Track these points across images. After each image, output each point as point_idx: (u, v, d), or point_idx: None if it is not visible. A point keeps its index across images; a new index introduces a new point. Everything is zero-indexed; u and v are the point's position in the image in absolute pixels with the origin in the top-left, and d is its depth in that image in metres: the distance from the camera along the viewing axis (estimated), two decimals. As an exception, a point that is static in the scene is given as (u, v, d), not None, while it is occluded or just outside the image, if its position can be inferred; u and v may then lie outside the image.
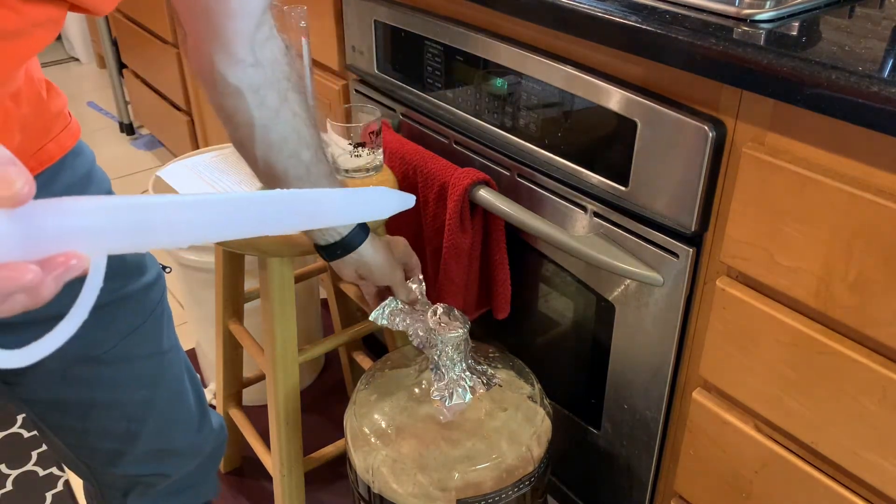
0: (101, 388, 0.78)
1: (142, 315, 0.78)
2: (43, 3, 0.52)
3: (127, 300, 0.76)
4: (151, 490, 0.89)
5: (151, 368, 0.81)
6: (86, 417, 0.79)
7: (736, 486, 0.91)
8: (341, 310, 1.44)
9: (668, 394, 0.98)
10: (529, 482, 0.96)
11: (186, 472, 0.91)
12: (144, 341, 0.79)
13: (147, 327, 0.79)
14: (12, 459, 1.48)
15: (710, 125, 0.79)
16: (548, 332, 1.18)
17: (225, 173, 1.12)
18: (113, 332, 0.76)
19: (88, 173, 0.72)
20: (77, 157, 0.71)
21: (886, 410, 0.72)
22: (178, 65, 2.11)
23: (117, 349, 0.76)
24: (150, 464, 0.87)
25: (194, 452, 0.92)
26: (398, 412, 0.98)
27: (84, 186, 0.71)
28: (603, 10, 0.84)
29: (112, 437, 0.82)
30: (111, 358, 0.76)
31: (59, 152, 0.68)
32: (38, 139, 0.65)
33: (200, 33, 0.71)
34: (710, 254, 0.87)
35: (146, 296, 0.78)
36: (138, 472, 0.87)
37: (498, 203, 1.05)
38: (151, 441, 0.84)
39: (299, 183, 0.80)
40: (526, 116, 1.01)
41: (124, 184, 2.47)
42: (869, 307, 0.71)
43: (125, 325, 0.76)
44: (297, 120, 0.78)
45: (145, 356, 0.80)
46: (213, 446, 0.95)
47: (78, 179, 0.70)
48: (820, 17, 0.81)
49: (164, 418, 0.85)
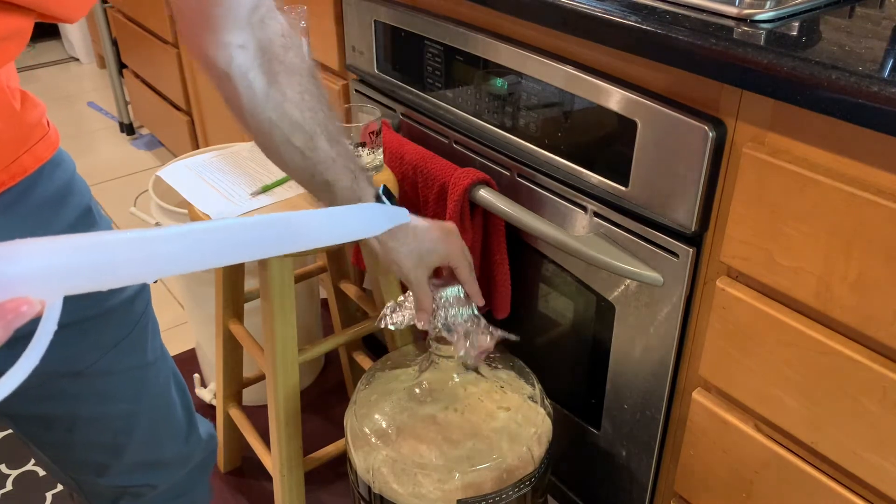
0: (85, 402, 0.77)
1: (126, 327, 0.77)
2: (8, 15, 0.50)
3: (111, 314, 0.74)
4: (139, 500, 0.89)
5: (136, 381, 0.80)
6: (70, 431, 0.78)
7: (736, 486, 0.91)
8: (341, 310, 1.44)
9: (668, 394, 0.98)
10: (530, 482, 0.96)
11: (174, 481, 0.90)
12: (128, 354, 0.78)
13: (131, 339, 0.77)
14: (12, 459, 1.48)
15: (710, 125, 0.79)
16: (548, 333, 1.18)
17: (225, 173, 1.12)
18: (97, 347, 0.74)
19: (67, 184, 0.70)
20: (56, 168, 0.69)
21: (886, 410, 0.72)
22: (178, 65, 2.11)
23: (101, 363, 0.75)
24: (137, 474, 0.86)
25: (182, 462, 0.91)
26: (398, 412, 0.98)
27: (62, 198, 0.69)
28: (603, 10, 0.84)
29: (98, 449, 0.81)
30: (95, 372, 0.75)
31: (34, 164, 0.65)
32: (11, 151, 0.63)
33: (190, 17, 0.70)
34: (710, 254, 0.87)
35: (130, 308, 0.77)
36: (125, 483, 0.86)
37: (498, 203, 1.05)
38: (138, 453, 0.83)
39: (298, 171, 0.78)
40: (526, 116, 1.01)
41: (124, 184, 2.47)
42: (869, 307, 0.71)
43: (109, 339, 0.75)
44: (287, 104, 0.74)
45: (129, 369, 0.79)
46: (203, 456, 0.93)
47: (55, 191, 0.68)
48: (820, 17, 0.81)
49: (150, 430, 0.83)
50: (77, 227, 0.70)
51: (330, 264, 1.39)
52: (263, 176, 1.11)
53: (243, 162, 1.15)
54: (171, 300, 1.95)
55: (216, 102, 1.97)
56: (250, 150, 1.19)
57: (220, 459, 1.45)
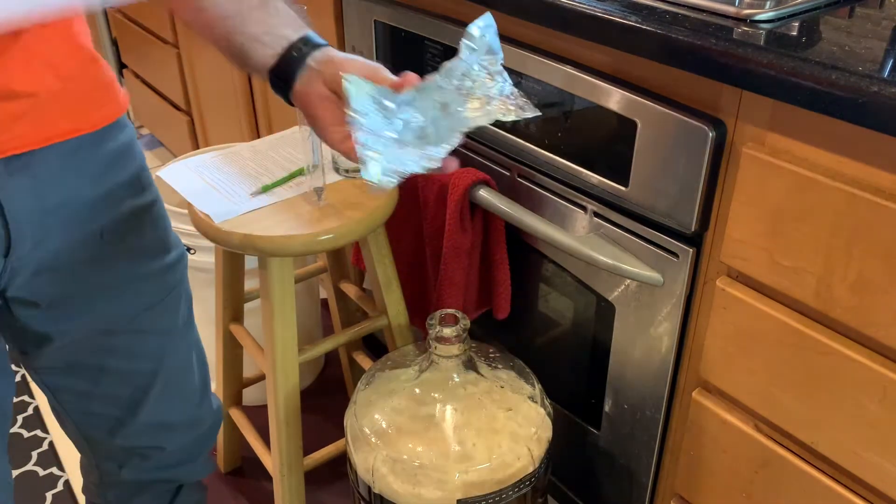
0: (113, 356, 0.81)
1: (160, 293, 0.82)
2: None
3: (148, 278, 0.80)
4: (146, 462, 0.91)
5: (163, 343, 0.85)
6: (94, 381, 0.82)
7: (736, 486, 0.91)
8: (341, 310, 1.44)
9: (668, 394, 0.98)
10: (530, 482, 0.96)
11: (181, 445, 0.93)
12: (160, 317, 0.83)
13: (164, 305, 0.83)
14: (12, 459, 1.48)
15: (710, 125, 0.79)
16: (548, 332, 1.18)
17: (225, 173, 1.12)
18: (133, 307, 0.80)
19: (129, 146, 0.76)
20: (121, 131, 0.74)
21: (886, 410, 0.72)
22: (178, 65, 2.11)
23: (134, 322, 0.80)
24: (148, 435, 0.89)
25: (191, 426, 0.94)
26: (398, 412, 0.98)
27: (122, 157, 0.74)
28: (603, 10, 0.84)
29: (115, 403, 0.85)
30: (128, 329, 0.80)
31: (103, 121, 0.71)
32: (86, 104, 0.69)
33: None
34: (710, 254, 0.87)
35: (165, 276, 0.82)
36: (135, 443, 0.89)
37: (498, 203, 1.05)
38: (152, 412, 0.87)
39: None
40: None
41: (124, 184, 2.47)
42: (869, 307, 0.71)
43: (145, 301, 0.81)
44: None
45: (159, 332, 0.84)
46: (210, 423, 0.97)
47: (117, 149, 0.74)
48: (820, 17, 0.81)
49: (167, 390, 0.87)
50: (132, 186, 0.76)
51: (330, 264, 1.39)
52: (263, 176, 1.11)
53: (243, 162, 1.15)
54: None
55: (216, 102, 1.97)
56: (250, 150, 1.19)
57: (220, 459, 1.45)
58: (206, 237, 1.02)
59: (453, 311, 0.98)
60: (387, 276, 1.17)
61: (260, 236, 0.97)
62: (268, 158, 1.16)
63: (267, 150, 1.19)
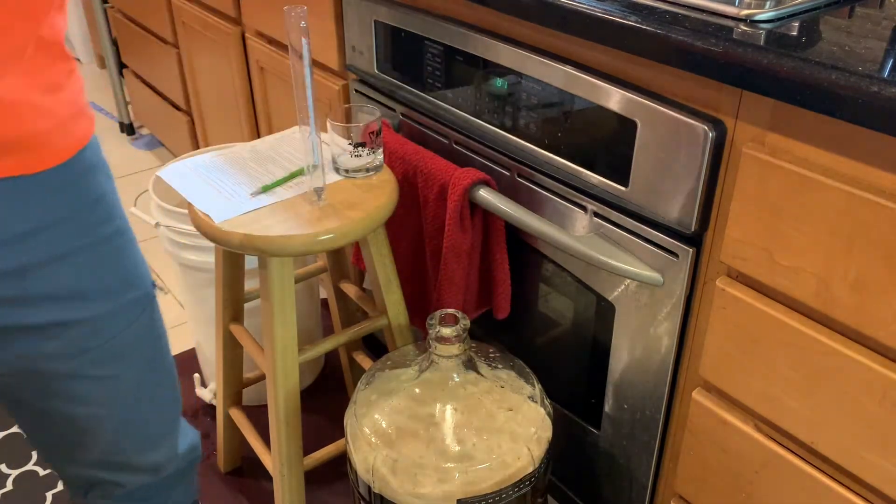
0: (55, 398, 0.78)
1: (103, 337, 0.77)
2: None
3: (85, 321, 0.75)
4: (109, 495, 0.90)
5: (111, 388, 0.81)
6: (38, 420, 0.81)
7: (736, 486, 0.91)
8: (341, 310, 1.44)
9: (668, 394, 0.98)
10: (530, 482, 0.96)
11: (143, 484, 0.91)
12: (105, 363, 0.78)
13: (110, 348, 0.78)
14: (12, 459, 1.48)
15: (710, 125, 0.79)
16: (548, 332, 1.18)
17: (225, 173, 1.12)
18: (64, 349, 0.75)
19: (96, 164, 0.74)
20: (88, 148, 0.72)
21: (886, 410, 0.72)
22: (178, 65, 2.11)
23: (70, 365, 0.76)
24: (103, 472, 0.87)
25: (151, 471, 0.91)
26: (398, 412, 0.98)
27: (91, 173, 0.72)
28: (603, 10, 0.84)
29: (63, 441, 0.84)
30: (63, 373, 0.76)
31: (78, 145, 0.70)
32: None
33: None
34: (709, 254, 0.87)
35: (115, 317, 0.77)
36: (93, 476, 0.88)
37: (498, 203, 1.05)
38: (104, 452, 0.85)
39: None
40: (526, 116, 1.01)
41: (124, 184, 2.47)
42: (869, 307, 0.71)
43: (78, 346, 0.76)
44: None
45: (103, 377, 0.79)
46: (179, 467, 0.94)
47: (87, 166, 0.72)
48: (820, 17, 0.81)
49: (118, 436, 0.84)
50: (97, 206, 0.73)
51: (330, 264, 1.39)
52: (263, 176, 1.11)
53: (243, 162, 1.15)
54: (171, 300, 1.96)
55: (216, 102, 1.97)
56: (250, 150, 1.19)
57: (220, 459, 1.45)
58: (206, 237, 1.02)
59: (453, 311, 0.98)
60: (387, 276, 1.17)
61: (260, 236, 0.97)
62: (268, 158, 1.16)
63: (267, 150, 1.19)
